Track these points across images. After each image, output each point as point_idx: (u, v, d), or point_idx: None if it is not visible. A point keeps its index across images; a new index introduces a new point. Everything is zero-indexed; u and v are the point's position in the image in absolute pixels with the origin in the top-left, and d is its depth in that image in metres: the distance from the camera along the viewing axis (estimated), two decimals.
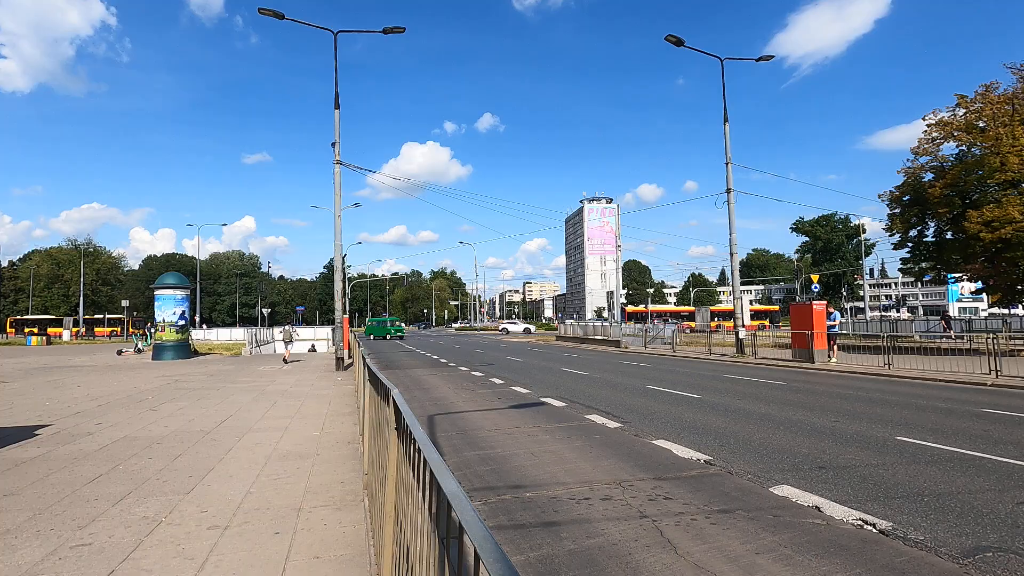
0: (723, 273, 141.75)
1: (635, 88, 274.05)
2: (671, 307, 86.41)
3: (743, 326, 22.86)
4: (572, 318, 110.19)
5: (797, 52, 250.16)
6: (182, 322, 24.01)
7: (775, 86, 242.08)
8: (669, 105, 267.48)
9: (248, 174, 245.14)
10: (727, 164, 23.04)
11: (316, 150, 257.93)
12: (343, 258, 22.53)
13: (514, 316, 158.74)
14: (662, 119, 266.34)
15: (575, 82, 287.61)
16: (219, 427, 8.27)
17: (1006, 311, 44.18)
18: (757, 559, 3.68)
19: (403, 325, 56.02)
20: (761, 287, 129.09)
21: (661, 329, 31.96)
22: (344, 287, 26.14)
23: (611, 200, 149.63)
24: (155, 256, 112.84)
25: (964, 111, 21.43)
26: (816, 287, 35.76)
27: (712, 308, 66.33)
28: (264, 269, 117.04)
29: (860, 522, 4.31)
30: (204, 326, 56.50)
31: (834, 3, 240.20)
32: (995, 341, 13.23)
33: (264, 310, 75.93)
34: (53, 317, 64.77)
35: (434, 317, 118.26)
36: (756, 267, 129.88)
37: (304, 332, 38.53)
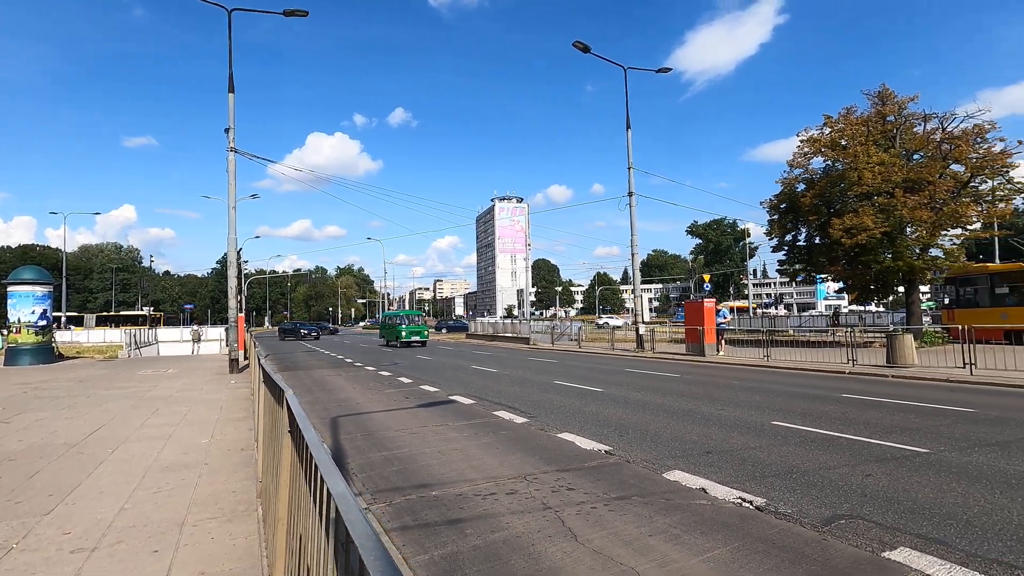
0: (626, 272, 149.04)
1: (547, 91, 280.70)
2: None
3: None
4: (483, 316, 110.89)
5: (693, 68, 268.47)
6: (43, 322, 21.22)
7: (674, 98, 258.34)
8: (578, 109, 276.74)
9: (129, 159, 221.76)
10: (629, 169, 24.24)
11: (209, 136, 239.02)
12: (238, 253, 21.02)
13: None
14: (572, 122, 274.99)
15: (489, 82, 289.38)
16: (88, 439, 7.42)
17: (862, 308, 50.23)
18: (650, 541, 3.92)
19: (425, 323, 35.77)
20: (660, 286, 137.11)
21: (568, 326, 33.02)
22: (240, 284, 24.37)
23: (521, 200, 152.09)
24: (8, 248, 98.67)
25: (830, 130, 24.07)
26: (708, 286, 38.73)
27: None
28: (146, 264, 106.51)
29: (740, 500, 4.71)
30: (72, 327, 50.27)
31: (725, 25, 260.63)
32: (852, 335, 15.02)
33: (146, 308, 69.10)
34: None
35: (340, 315, 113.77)
36: (656, 267, 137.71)
37: (211, 332, 35.55)
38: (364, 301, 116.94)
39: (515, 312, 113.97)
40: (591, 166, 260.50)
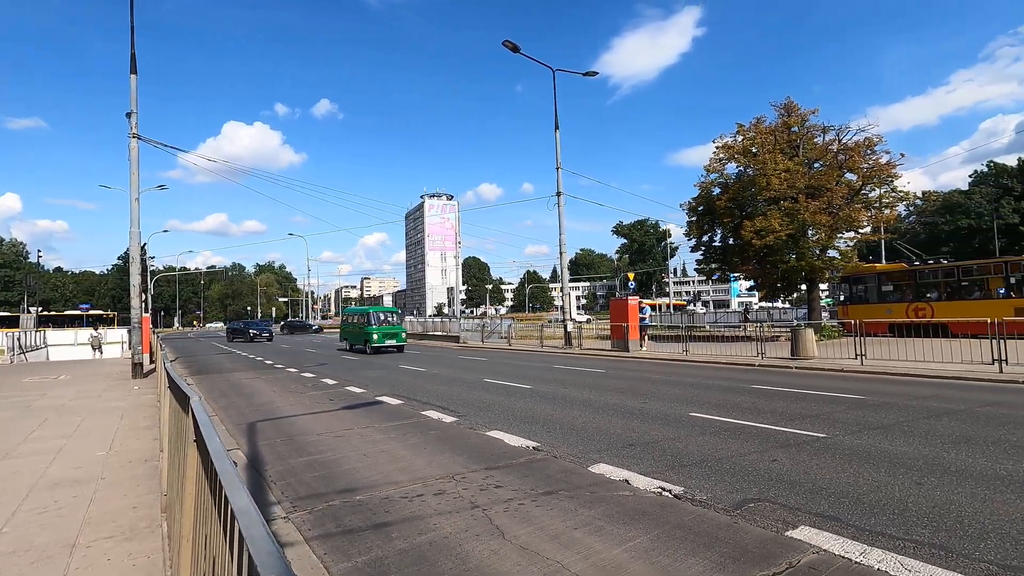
0: (555, 270, 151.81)
1: (477, 88, 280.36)
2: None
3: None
4: (412, 314, 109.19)
5: (620, 73, 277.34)
6: None
7: (602, 101, 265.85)
8: (508, 108, 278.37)
9: (12, 142, 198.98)
10: (557, 169, 24.69)
11: (109, 120, 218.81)
12: (143, 248, 19.43)
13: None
14: (502, 121, 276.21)
15: (420, 77, 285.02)
16: None
17: (770, 304, 54.05)
18: (575, 533, 4.00)
19: (400, 323, 25.87)
20: (588, 284, 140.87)
21: (498, 324, 33.17)
22: (144, 282, 22.54)
23: (452, 197, 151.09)
24: None
25: (742, 138, 25.73)
26: (632, 284, 40.26)
27: None
28: (33, 259, 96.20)
29: (660, 490, 4.92)
30: None
31: (648, 34, 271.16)
32: (761, 330, 16.11)
33: (33, 308, 62.39)
34: None
35: (259, 315, 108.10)
36: (583, 266, 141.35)
37: (112, 334, 32.54)
38: (286, 300, 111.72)
39: (445, 310, 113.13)
40: (521, 165, 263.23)
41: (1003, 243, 48.61)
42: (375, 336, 23.21)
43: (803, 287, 26.98)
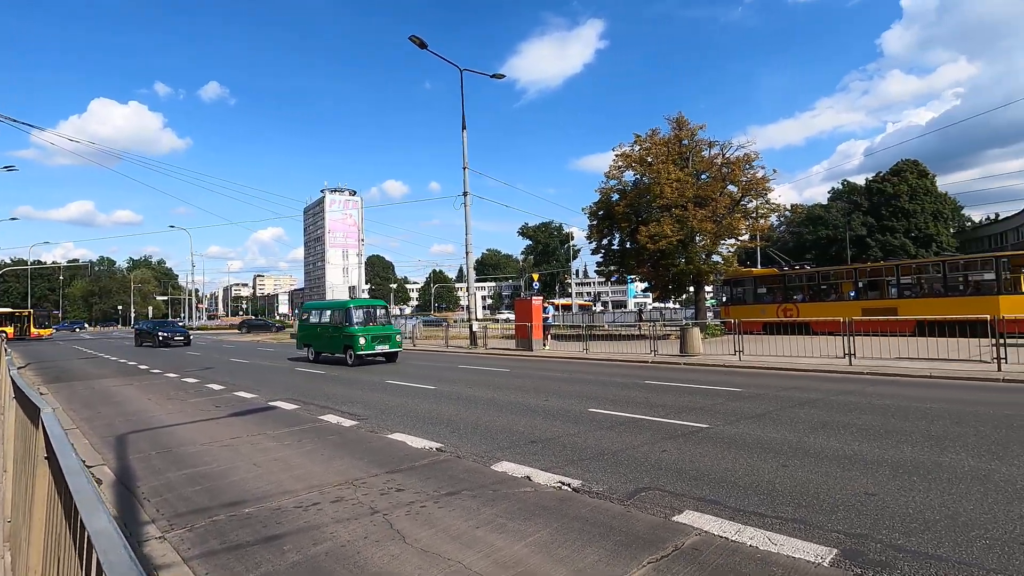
0: (461, 270, 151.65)
1: (384, 82, 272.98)
2: None
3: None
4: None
5: (526, 78, 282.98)
6: None
7: (509, 104, 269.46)
8: (416, 104, 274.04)
9: None
10: (464, 169, 24.68)
11: None
12: None
13: (241, 312, 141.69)
14: (408, 117, 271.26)
15: (324, 66, 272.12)
16: None
17: (663, 305, 57.78)
18: (477, 533, 4.02)
19: (392, 323, 19.46)
20: (494, 284, 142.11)
21: (403, 324, 32.53)
22: None
23: (355, 193, 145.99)
24: None
25: (639, 147, 27.27)
26: (536, 285, 41.20)
27: None
28: None
29: (560, 484, 5.07)
30: None
31: (554, 42, 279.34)
32: (654, 328, 17.16)
33: None
34: None
35: (133, 315, 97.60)
36: (489, 266, 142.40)
37: None
38: (166, 298, 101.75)
39: None
40: (428, 163, 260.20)
41: (853, 252, 55.60)
42: (361, 340, 16.64)
43: (691, 289, 29.11)
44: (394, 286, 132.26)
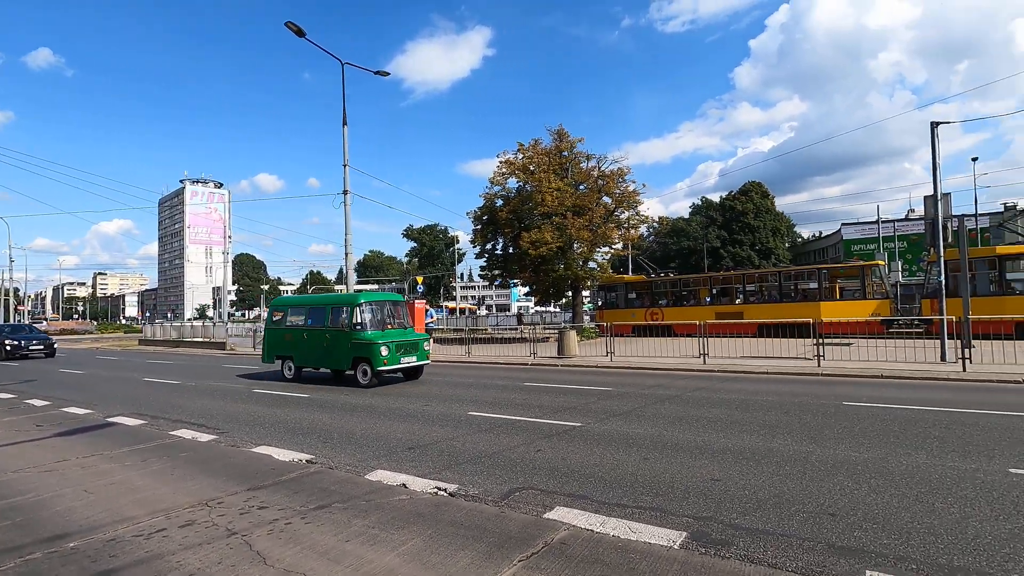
0: (342, 271, 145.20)
1: (258, 68, 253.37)
2: None
3: None
4: (166, 318, 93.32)
5: (413, 78, 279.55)
6: None
7: (395, 103, 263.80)
8: (294, 96, 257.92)
9: None
10: (345, 166, 23.66)
11: None
12: None
13: (75, 315, 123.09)
14: (286, 108, 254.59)
15: (185, 42, 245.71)
16: None
17: (543, 308, 59.89)
18: (347, 546, 3.85)
19: (410, 326, 13.80)
20: (376, 286, 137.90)
21: None
22: None
23: (221, 185, 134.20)
24: None
25: (522, 156, 28.12)
26: (421, 288, 40.69)
27: None
28: None
29: (436, 490, 5.03)
30: None
31: (442, 45, 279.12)
32: (534, 332, 17.72)
33: None
34: None
35: None
36: (372, 267, 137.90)
37: None
38: None
39: (210, 313, 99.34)
40: (307, 158, 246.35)
41: (710, 261, 61.89)
42: (384, 351, 11.84)
43: (570, 293, 30.52)
44: (266, 287, 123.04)
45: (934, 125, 13.47)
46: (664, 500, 4.57)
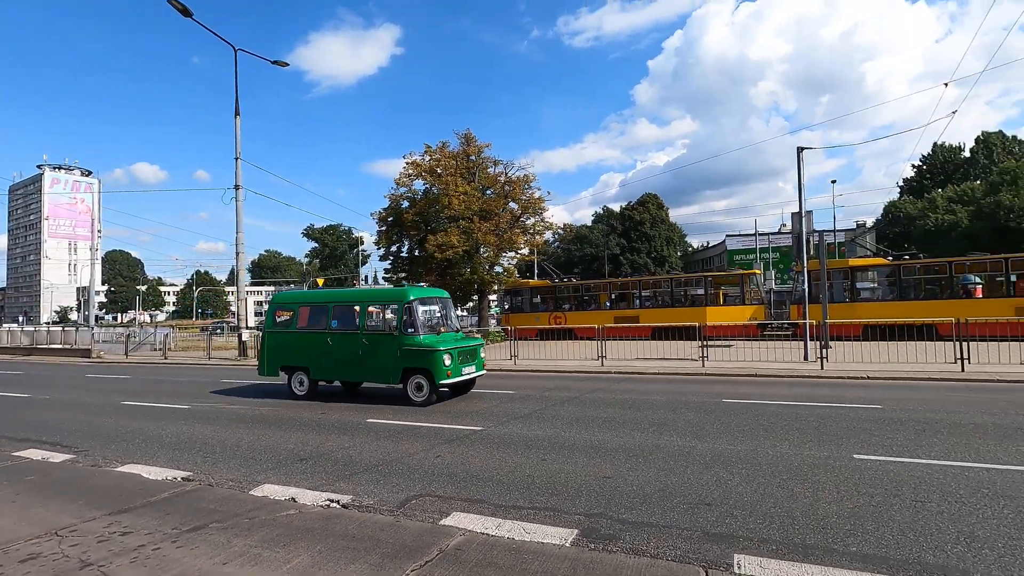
0: (233, 271, 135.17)
1: (138, 46, 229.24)
2: None
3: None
4: (17, 321, 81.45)
5: (318, 70, 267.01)
6: None
7: (298, 96, 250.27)
8: (182, 81, 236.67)
9: None
10: (236, 159, 22.12)
11: None
12: None
13: None
14: (171, 93, 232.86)
15: (49, 14, 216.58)
16: None
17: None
18: (225, 569, 3.57)
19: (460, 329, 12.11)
20: (272, 288, 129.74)
21: (151, 333, 27.62)
22: None
23: (90, 173, 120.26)
24: None
25: (429, 158, 27.85)
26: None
27: None
28: None
29: (328, 502, 4.81)
30: None
31: (349, 39, 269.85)
32: None
33: None
34: None
35: None
36: (268, 268, 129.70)
37: None
38: None
39: (73, 316, 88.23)
40: (195, 150, 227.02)
41: (610, 268, 64.95)
42: (447, 360, 9.77)
43: (476, 297, 30.61)
44: (143, 288, 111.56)
45: (800, 150, 15.13)
46: (559, 499, 4.70)
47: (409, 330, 9.97)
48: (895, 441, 6.37)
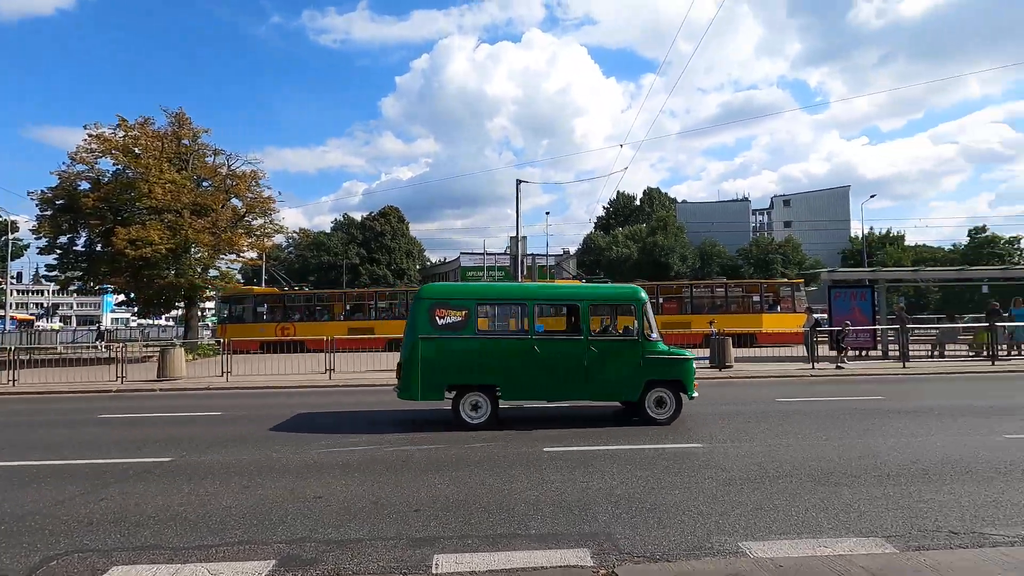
0: None
1: None
2: None
3: None
4: None
5: None
6: None
7: None
8: None
9: None
10: None
11: None
12: None
13: None
14: None
15: None
16: None
17: (153, 322, 49.73)
18: None
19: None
20: None
21: None
22: None
23: None
24: None
25: (124, 134, 22.82)
26: None
27: None
28: None
29: None
30: None
31: None
32: (123, 350, 14.42)
33: None
34: None
35: None
36: None
37: None
38: None
39: None
40: None
41: (349, 278, 63.10)
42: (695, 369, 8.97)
43: (183, 304, 26.20)
44: None
45: (519, 182, 17.25)
46: (257, 531, 4.24)
47: (653, 335, 8.44)
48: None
